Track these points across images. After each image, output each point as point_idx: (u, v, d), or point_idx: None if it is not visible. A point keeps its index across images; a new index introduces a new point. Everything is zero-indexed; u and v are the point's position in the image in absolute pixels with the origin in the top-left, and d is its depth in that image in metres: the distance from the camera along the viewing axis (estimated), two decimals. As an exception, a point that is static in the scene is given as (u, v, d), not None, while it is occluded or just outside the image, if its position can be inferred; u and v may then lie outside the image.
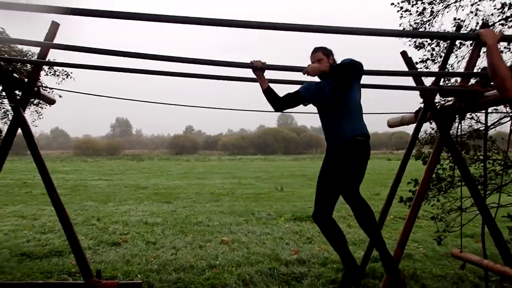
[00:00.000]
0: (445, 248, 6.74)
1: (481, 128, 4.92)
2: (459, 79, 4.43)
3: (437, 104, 4.11)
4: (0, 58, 3.50)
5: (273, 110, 3.84)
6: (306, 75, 3.37)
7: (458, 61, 6.62)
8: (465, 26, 6.58)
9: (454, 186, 5.01)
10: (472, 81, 3.90)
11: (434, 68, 6.74)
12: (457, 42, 6.17)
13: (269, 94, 3.68)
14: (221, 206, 12.21)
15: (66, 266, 6.07)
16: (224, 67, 3.53)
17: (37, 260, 6.38)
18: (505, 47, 6.34)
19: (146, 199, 13.83)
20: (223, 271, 5.95)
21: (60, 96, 6.12)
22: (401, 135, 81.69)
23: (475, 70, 3.93)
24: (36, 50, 6.89)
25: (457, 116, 3.95)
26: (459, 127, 4.04)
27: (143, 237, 7.95)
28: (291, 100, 3.78)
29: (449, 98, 3.91)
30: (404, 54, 4.07)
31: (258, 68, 3.47)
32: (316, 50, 3.61)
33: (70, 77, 7.27)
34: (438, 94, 4.08)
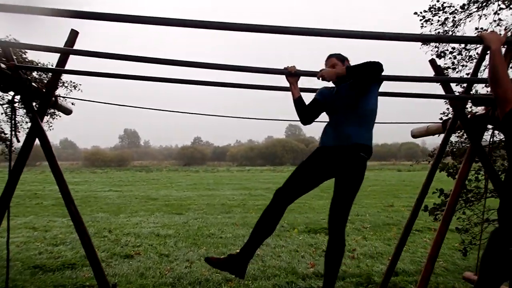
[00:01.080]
0: (466, 261, 6.56)
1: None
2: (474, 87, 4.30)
3: (467, 113, 3.97)
4: (20, 66, 3.43)
5: (299, 121, 3.61)
6: (321, 79, 3.21)
7: (483, 68, 6.51)
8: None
9: (481, 198, 4.86)
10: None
11: (455, 76, 6.62)
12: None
13: (301, 105, 3.50)
14: (233, 217, 12.07)
15: (80, 279, 5.95)
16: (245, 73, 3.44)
17: (50, 273, 6.28)
18: None
19: (157, 210, 13.73)
20: (239, 285, 5.81)
21: (72, 104, 6.09)
22: (410, 145, 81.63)
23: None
24: (48, 60, 6.95)
25: (489, 125, 3.83)
26: (493, 137, 3.90)
27: (156, 250, 7.83)
28: (314, 110, 3.59)
29: (477, 107, 3.78)
30: (432, 62, 3.94)
31: (293, 74, 3.33)
32: (330, 56, 3.51)
33: (78, 89, 7.27)
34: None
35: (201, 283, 5.84)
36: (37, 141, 3.92)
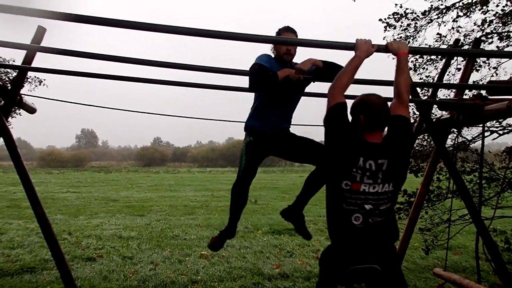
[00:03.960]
0: (426, 261, 6.79)
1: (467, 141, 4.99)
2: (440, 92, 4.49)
3: (432, 117, 4.14)
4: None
5: (251, 86, 3.40)
6: (297, 79, 3.29)
7: (447, 74, 6.78)
8: (447, 41, 6.74)
9: (442, 199, 5.06)
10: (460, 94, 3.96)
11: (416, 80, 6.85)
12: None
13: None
14: (196, 219, 11.99)
15: (41, 283, 5.78)
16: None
17: (8, 277, 6.05)
18: (484, 62, 6.52)
19: (118, 212, 13.45)
20: (205, 286, 5.80)
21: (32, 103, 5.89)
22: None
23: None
24: (13, 56, 6.70)
25: (453, 129, 3.99)
26: (456, 140, 4.07)
27: (118, 252, 7.69)
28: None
29: (442, 111, 3.94)
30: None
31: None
32: (286, 29, 3.46)
33: (44, 84, 7.03)
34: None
35: (166, 285, 5.79)
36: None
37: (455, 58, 6.33)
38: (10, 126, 7.34)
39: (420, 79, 6.72)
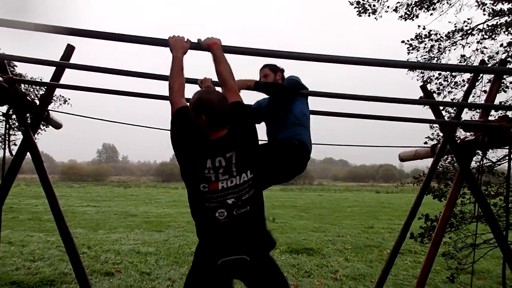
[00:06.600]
0: (449, 285, 6.63)
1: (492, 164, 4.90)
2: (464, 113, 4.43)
3: (456, 139, 4.08)
4: (16, 80, 3.40)
5: None
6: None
7: (472, 95, 6.72)
8: (471, 62, 6.70)
9: (466, 223, 4.95)
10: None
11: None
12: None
13: None
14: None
15: (60, 296, 5.82)
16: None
17: (28, 290, 6.13)
18: (510, 83, 6.45)
19: (137, 227, 13.52)
20: (223, 305, 5.75)
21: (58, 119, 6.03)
22: (388, 167, 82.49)
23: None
24: (38, 74, 6.89)
25: (477, 151, 3.93)
26: (481, 162, 4.01)
27: (136, 267, 7.71)
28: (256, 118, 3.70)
29: (467, 133, 3.89)
30: (423, 87, 4.06)
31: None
32: (265, 66, 3.65)
33: (68, 103, 7.24)
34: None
35: (184, 303, 5.77)
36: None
37: (481, 79, 6.28)
38: (37, 141, 7.54)
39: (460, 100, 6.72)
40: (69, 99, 6.48)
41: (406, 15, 7.63)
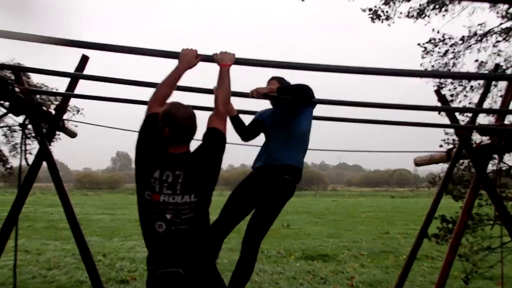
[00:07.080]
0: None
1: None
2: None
3: (472, 143, 4.04)
4: (32, 90, 3.46)
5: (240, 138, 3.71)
6: (251, 96, 3.33)
7: (492, 98, 6.67)
8: (488, 66, 6.63)
9: (483, 225, 4.88)
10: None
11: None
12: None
13: (238, 123, 3.60)
14: (229, 243, 11.76)
15: (76, 305, 5.85)
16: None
17: (45, 298, 6.17)
18: None
19: (151, 234, 13.54)
20: (239, 312, 5.73)
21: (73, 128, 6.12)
22: (402, 172, 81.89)
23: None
24: (55, 85, 7.01)
25: (494, 155, 3.88)
26: (498, 166, 3.96)
27: (151, 275, 7.72)
28: (254, 129, 3.68)
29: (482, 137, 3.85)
30: (438, 92, 4.04)
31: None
32: (273, 78, 3.60)
33: (81, 113, 7.37)
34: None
35: (199, 310, 5.75)
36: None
37: (495, 83, 6.20)
38: (52, 150, 7.65)
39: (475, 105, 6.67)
40: (82, 109, 6.59)
41: (417, 15, 7.63)
